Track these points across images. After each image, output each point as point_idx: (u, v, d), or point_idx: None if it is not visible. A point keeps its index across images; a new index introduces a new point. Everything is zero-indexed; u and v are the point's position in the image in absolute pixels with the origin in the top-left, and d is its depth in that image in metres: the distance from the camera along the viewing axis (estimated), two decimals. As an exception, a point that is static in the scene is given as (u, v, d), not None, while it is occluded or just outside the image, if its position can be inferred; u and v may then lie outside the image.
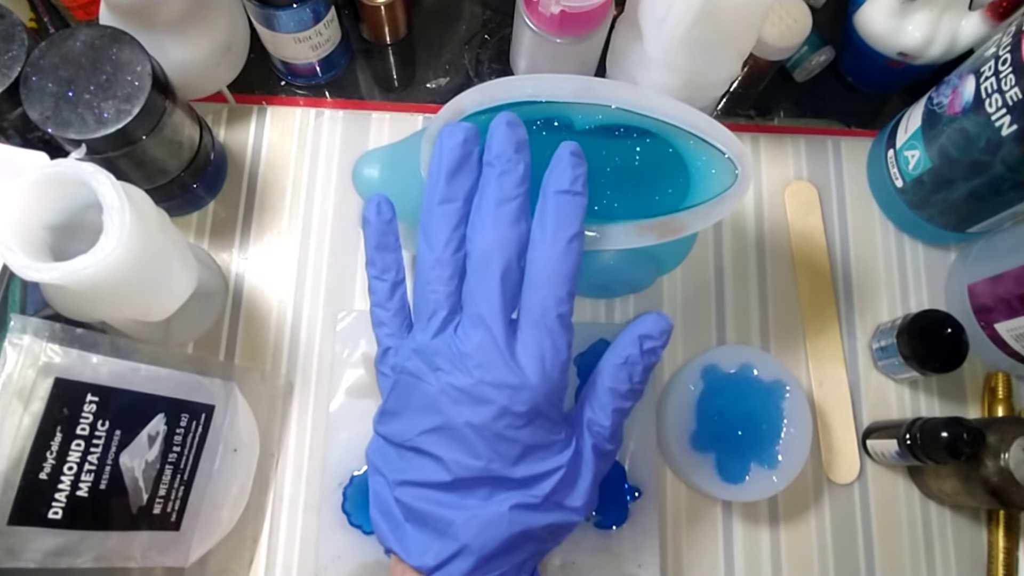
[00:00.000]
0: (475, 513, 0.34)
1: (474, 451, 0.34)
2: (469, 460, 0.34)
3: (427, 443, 0.35)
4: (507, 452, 0.34)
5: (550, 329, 0.34)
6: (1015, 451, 0.44)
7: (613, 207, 0.40)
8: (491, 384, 0.34)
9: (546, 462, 0.35)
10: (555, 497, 0.35)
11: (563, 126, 0.40)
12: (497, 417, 0.34)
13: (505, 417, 0.34)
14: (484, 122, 0.37)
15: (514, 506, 0.34)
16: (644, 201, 0.41)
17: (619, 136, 0.40)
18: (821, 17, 0.57)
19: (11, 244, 0.34)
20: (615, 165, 0.41)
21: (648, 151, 0.41)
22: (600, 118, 0.39)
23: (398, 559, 0.36)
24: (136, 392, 0.41)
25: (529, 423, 0.34)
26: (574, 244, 0.35)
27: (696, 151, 0.40)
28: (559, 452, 0.35)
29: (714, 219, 0.39)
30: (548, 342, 0.34)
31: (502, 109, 0.38)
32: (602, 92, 0.39)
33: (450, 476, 0.34)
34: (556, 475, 0.35)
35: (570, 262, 0.35)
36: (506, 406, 0.34)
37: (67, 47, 0.41)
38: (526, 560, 0.36)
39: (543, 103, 0.38)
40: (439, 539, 0.34)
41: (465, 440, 0.34)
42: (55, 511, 0.37)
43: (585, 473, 0.36)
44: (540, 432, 0.35)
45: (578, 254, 0.35)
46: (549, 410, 0.35)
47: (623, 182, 0.41)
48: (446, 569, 0.34)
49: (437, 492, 0.35)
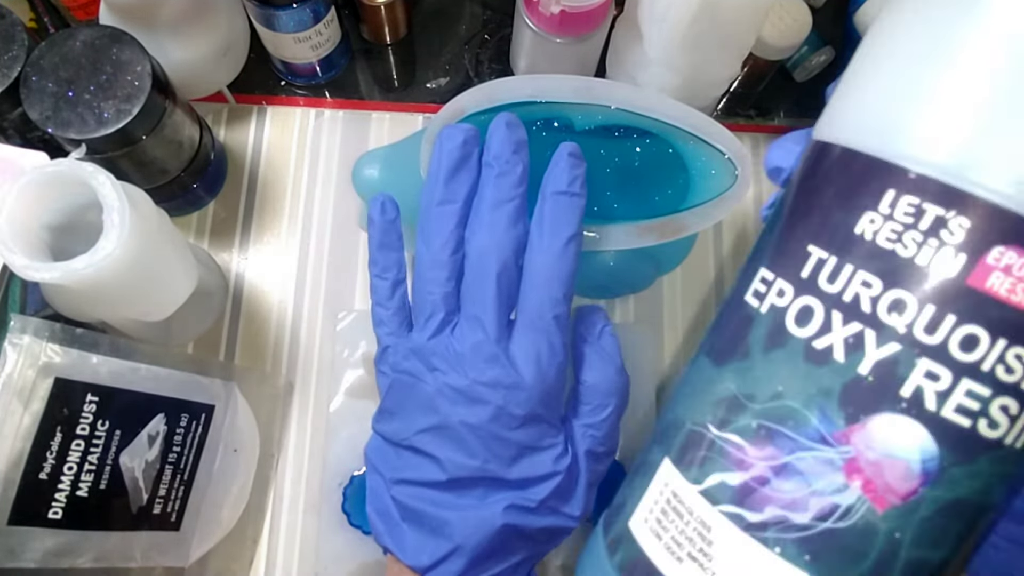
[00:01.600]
0: (470, 513, 0.34)
1: (470, 451, 0.34)
2: (465, 460, 0.34)
3: (424, 442, 0.35)
4: (503, 452, 0.34)
5: (546, 330, 0.34)
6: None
7: (613, 208, 0.40)
8: (486, 384, 0.34)
9: (543, 465, 0.35)
10: (550, 503, 0.35)
11: (563, 127, 0.40)
12: (493, 417, 0.34)
13: (501, 417, 0.34)
14: (484, 122, 0.37)
15: (508, 507, 0.34)
16: (644, 202, 0.41)
17: (619, 137, 0.40)
18: (821, 17, 0.57)
19: (11, 244, 0.34)
20: (615, 166, 0.41)
21: (648, 151, 0.41)
22: (600, 118, 0.39)
23: (394, 558, 0.36)
24: (136, 392, 0.41)
25: (525, 424, 0.34)
26: (571, 245, 0.35)
27: (696, 152, 0.40)
28: (557, 457, 0.35)
29: (714, 219, 0.39)
30: (544, 343, 0.34)
31: (502, 109, 0.38)
32: (602, 92, 0.39)
33: (446, 476, 0.34)
34: (553, 480, 0.35)
35: (567, 263, 0.34)
36: (502, 406, 0.34)
37: (67, 47, 0.41)
38: (521, 561, 0.36)
39: (543, 103, 0.38)
40: (434, 538, 0.34)
41: (461, 440, 0.34)
42: (55, 511, 0.37)
43: (581, 479, 0.36)
44: (536, 433, 0.35)
45: (575, 255, 0.35)
46: (545, 412, 0.35)
47: (623, 183, 0.41)
48: (440, 568, 0.34)
49: (433, 491, 0.35)
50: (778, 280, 0.26)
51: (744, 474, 0.25)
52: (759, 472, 0.25)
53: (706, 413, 0.27)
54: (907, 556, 0.24)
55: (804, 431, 0.24)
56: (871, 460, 0.23)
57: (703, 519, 0.26)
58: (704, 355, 0.29)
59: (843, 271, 0.24)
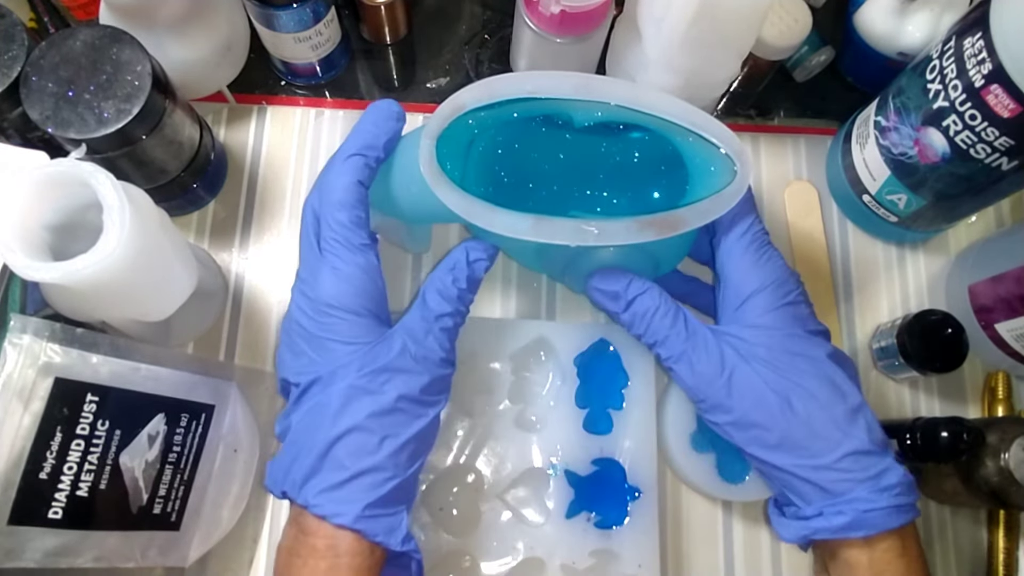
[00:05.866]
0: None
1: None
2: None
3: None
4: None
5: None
6: (1015, 451, 0.44)
7: (612, 204, 0.40)
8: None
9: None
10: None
11: (563, 123, 0.40)
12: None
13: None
14: (484, 119, 0.37)
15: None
16: (643, 198, 0.41)
17: (618, 133, 0.40)
18: (821, 17, 0.57)
19: (11, 244, 0.34)
20: (614, 162, 0.40)
21: (647, 148, 0.41)
22: (599, 115, 0.39)
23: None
24: (136, 392, 0.41)
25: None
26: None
27: (695, 149, 0.40)
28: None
29: (713, 215, 0.39)
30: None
31: (502, 105, 0.38)
32: (601, 89, 0.39)
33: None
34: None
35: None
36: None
37: (67, 47, 0.41)
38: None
39: (543, 100, 0.38)
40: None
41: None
42: (55, 511, 0.37)
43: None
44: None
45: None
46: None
47: (622, 179, 0.40)
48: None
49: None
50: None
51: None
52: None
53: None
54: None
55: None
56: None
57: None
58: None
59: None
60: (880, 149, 0.49)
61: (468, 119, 0.39)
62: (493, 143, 0.41)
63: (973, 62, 0.40)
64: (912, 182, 0.48)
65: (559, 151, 0.41)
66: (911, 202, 0.49)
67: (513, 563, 0.46)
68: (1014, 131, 0.40)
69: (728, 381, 0.39)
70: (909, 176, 0.48)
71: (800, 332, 0.40)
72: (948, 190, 0.46)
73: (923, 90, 0.44)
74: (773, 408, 0.39)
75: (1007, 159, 0.41)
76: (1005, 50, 0.38)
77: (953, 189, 0.46)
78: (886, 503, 0.37)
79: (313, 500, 0.36)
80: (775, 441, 0.39)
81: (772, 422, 0.39)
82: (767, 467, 0.40)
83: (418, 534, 0.46)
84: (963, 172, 0.44)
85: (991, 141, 0.41)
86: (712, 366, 0.39)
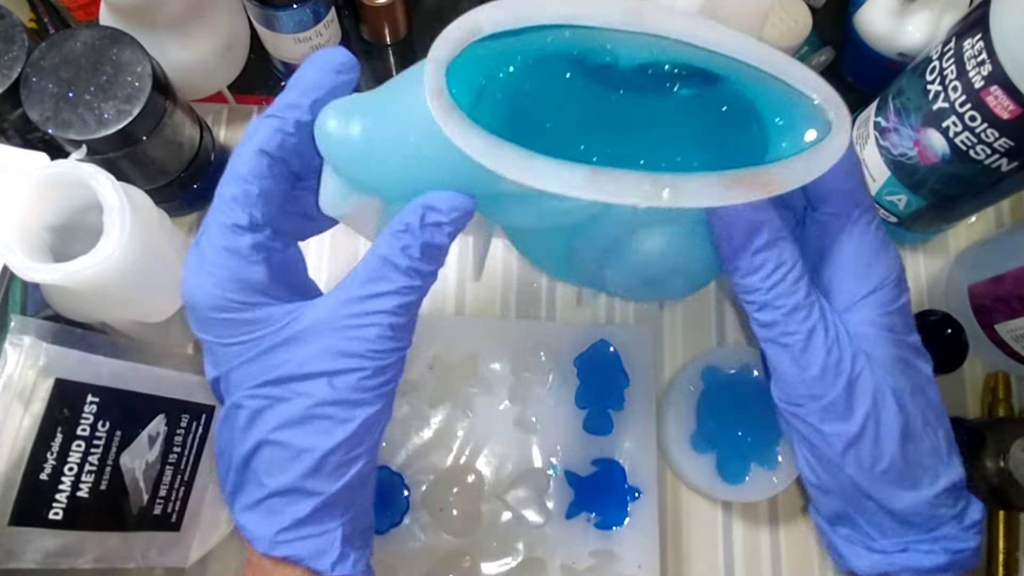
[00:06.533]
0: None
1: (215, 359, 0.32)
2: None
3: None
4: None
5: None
6: (1015, 451, 0.44)
7: (676, 163, 0.31)
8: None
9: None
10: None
11: (601, 66, 0.30)
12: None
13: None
14: (502, 52, 0.29)
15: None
16: (716, 158, 0.31)
17: (677, 78, 0.31)
18: (821, 17, 0.57)
19: (12, 244, 0.34)
20: (672, 116, 0.32)
21: (714, 97, 0.32)
22: (651, 54, 0.30)
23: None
24: (136, 393, 0.41)
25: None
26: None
27: (775, 98, 0.31)
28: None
29: (813, 174, 0.30)
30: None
31: (528, 32, 0.29)
32: (657, 20, 0.30)
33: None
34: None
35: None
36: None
37: (67, 48, 0.41)
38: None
39: (581, 29, 0.29)
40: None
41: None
42: (55, 512, 0.37)
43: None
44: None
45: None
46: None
47: (685, 135, 0.32)
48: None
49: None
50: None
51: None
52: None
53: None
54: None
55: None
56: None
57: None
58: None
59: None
60: (880, 150, 0.49)
61: (482, 49, 0.28)
62: (513, 90, 0.30)
63: (973, 63, 0.40)
64: (912, 183, 0.48)
65: (600, 103, 0.31)
66: (911, 203, 0.49)
67: (513, 563, 0.46)
68: (1014, 132, 0.40)
69: (852, 384, 0.31)
70: (909, 177, 0.48)
71: (911, 340, 0.34)
72: (948, 191, 0.46)
73: (923, 91, 0.44)
74: (893, 426, 0.32)
75: (1007, 160, 0.41)
76: (1005, 52, 0.38)
77: (953, 190, 0.46)
78: (975, 543, 0.32)
79: (239, 519, 0.31)
80: (884, 466, 0.31)
81: (890, 443, 0.31)
82: (858, 494, 0.32)
83: (418, 534, 0.46)
84: (963, 173, 0.44)
85: (991, 142, 0.41)
86: (843, 361, 0.31)
